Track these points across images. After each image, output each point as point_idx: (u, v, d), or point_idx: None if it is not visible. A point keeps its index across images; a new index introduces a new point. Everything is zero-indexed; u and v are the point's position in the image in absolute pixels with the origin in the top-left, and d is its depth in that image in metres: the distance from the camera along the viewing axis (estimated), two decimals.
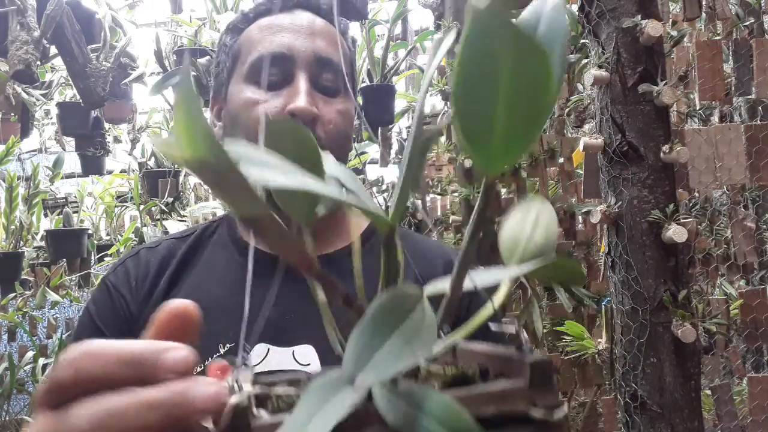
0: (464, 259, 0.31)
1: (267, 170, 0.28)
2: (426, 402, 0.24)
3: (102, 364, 0.29)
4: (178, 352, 0.29)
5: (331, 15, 0.82)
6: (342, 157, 0.80)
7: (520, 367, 0.30)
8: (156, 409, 0.27)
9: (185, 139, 0.25)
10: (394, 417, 0.24)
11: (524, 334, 0.33)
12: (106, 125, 3.48)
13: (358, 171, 2.88)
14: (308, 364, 0.70)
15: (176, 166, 3.62)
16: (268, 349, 0.71)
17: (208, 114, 0.86)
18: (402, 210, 0.31)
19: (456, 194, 2.60)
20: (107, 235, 4.20)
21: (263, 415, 0.27)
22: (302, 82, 0.75)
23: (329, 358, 0.68)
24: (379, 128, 2.95)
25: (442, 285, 0.33)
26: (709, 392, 2.18)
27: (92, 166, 3.66)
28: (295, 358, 0.71)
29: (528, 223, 0.37)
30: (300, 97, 0.74)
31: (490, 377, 0.32)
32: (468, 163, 2.43)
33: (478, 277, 0.32)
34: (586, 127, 2.33)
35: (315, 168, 0.31)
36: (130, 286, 0.78)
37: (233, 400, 0.26)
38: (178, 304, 0.32)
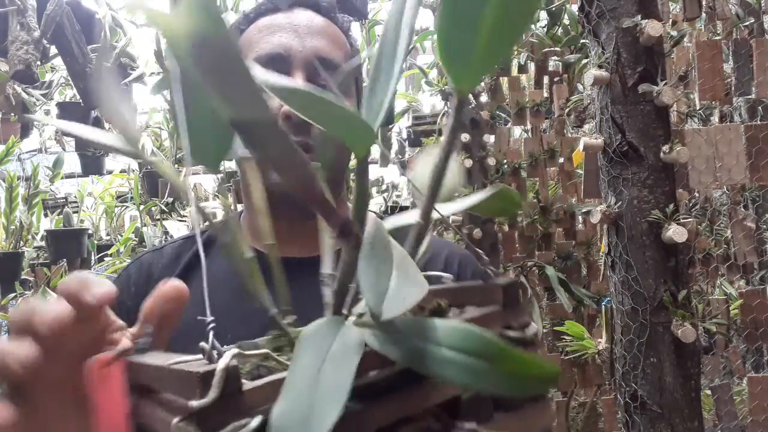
0: (435, 179, 0.30)
1: (264, 73, 0.26)
2: (432, 333, 0.23)
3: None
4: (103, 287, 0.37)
5: (331, 12, 0.80)
6: (343, 158, 0.79)
7: (486, 293, 0.30)
8: (62, 292, 0.35)
9: (187, 8, 0.22)
10: (402, 354, 0.23)
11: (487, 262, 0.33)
12: (106, 125, 3.47)
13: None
14: None
15: (176, 166, 3.62)
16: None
17: None
18: (381, 120, 0.30)
19: (456, 194, 2.60)
20: (107, 235, 4.20)
21: (246, 381, 0.24)
22: (298, 82, 0.74)
23: None
24: (379, 128, 2.94)
25: (411, 216, 0.32)
26: (709, 392, 2.18)
27: (92, 166, 3.66)
28: None
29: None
30: None
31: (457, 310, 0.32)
32: (468, 163, 2.43)
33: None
34: (586, 127, 2.33)
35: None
36: (130, 293, 0.78)
37: (221, 363, 0.23)
38: (175, 281, 0.40)
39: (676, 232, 1.45)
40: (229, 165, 2.87)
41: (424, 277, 0.31)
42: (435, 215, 0.31)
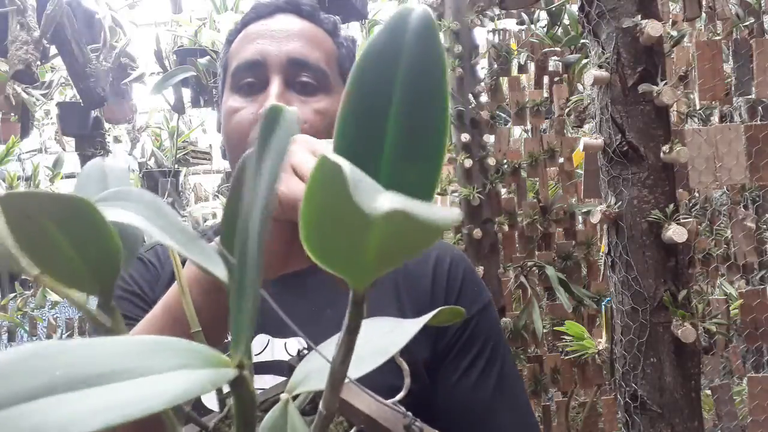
0: (338, 369, 0.25)
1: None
2: None
3: None
4: None
5: (313, 14, 0.82)
6: None
7: None
8: None
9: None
10: None
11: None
12: (106, 125, 3.48)
13: None
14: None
15: (176, 166, 3.62)
16: (269, 339, 0.72)
17: (216, 117, 0.87)
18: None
19: (456, 194, 2.60)
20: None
21: None
22: (274, 86, 0.75)
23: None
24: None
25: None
26: (709, 392, 2.18)
27: None
28: (286, 350, 0.72)
29: None
30: (269, 101, 0.73)
31: None
32: (468, 163, 2.43)
33: None
34: (586, 127, 2.33)
35: (100, 239, 0.25)
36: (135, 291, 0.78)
37: None
38: None
39: (676, 232, 1.45)
40: (228, 165, 2.86)
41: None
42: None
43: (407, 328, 0.27)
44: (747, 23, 2.34)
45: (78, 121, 3.19)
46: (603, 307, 1.82)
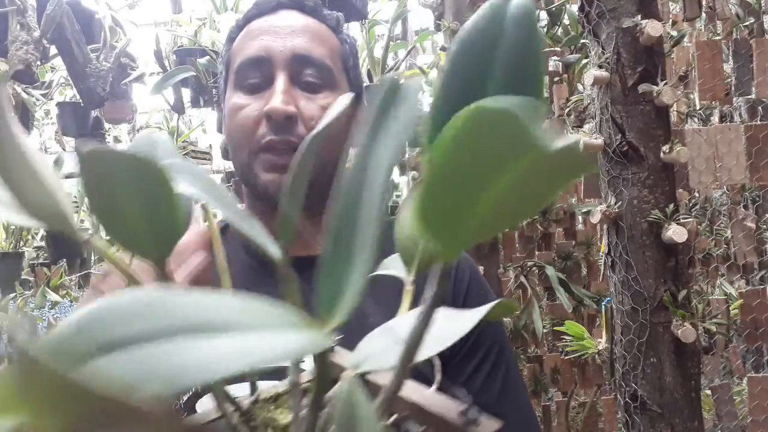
0: (413, 342, 0.24)
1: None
2: None
3: None
4: None
5: (316, 10, 0.81)
6: (332, 154, 0.78)
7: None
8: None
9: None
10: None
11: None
12: (106, 125, 3.48)
13: None
14: (302, 361, 0.70)
15: None
16: None
17: (217, 116, 0.87)
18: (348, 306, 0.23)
19: None
20: (107, 235, 4.19)
21: None
22: (279, 82, 0.74)
23: None
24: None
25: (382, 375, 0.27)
26: (709, 392, 2.18)
27: None
28: None
29: None
30: (275, 97, 0.73)
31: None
32: None
33: None
34: (586, 127, 2.33)
35: (167, 206, 0.26)
36: None
37: None
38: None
39: (676, 232, 1.45)
40: (228, 165, 2.86)
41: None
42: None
43: (466, 318, 0.27)
44: (747, 23, 2.34)
45: (77, 121, 3.19)
46: (603, 307, 1.82)
